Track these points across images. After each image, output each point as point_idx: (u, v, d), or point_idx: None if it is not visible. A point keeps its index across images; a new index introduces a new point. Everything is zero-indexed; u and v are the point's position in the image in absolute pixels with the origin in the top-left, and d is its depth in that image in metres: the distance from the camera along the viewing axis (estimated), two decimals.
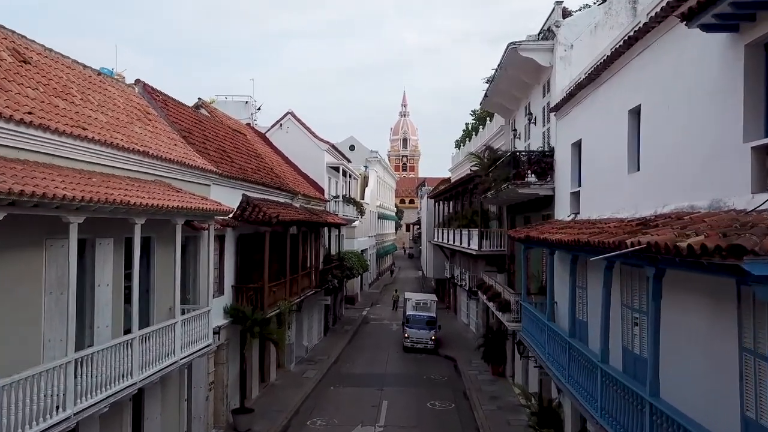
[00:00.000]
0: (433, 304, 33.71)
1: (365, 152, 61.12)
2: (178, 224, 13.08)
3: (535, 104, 20.26)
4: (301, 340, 29.33)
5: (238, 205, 20.07)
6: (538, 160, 17.42)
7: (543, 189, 17.48)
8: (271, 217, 19.24)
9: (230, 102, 36.00)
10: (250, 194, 21.07)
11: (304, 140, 35.59)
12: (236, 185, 20.01)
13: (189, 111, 21.04)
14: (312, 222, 25.34)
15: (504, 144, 26.36)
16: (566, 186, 15.87)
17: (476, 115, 47.45)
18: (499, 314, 19.02)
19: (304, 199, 28.94)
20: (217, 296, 18.59)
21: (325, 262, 33.00)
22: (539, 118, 19.68)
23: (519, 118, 23.29)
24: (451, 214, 36.06)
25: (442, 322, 34.03)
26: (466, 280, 34.52)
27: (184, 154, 16.11)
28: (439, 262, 46.59)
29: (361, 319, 42.38)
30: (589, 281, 13.22)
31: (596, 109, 13.18)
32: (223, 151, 20.93)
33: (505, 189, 18.32)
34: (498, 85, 22.09)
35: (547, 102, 18.45)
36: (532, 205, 19.68)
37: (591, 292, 12.90)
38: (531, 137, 20.94)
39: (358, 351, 31.87)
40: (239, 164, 21.62)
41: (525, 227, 16.71)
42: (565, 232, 11.32)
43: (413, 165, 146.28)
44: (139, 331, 11.33)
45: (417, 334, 31.54)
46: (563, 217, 15.87)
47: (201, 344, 14.61)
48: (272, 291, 20.37)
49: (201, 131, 20.31)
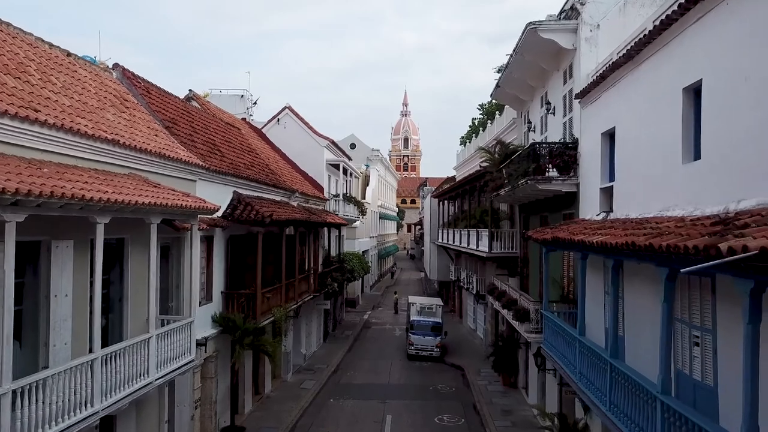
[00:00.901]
0: (439, 309, 31.94)
1: (366, 150, 59.34)
2: (153, 224, 11.33)
3: (553, 93, 18.49)
4: (299, 348, 27.58)
5: (229, 203, 18.34)
6: (560, 152, 15.65)
7: (566, 185, 15.72)
8: (264, 217, 17.49)
9: (225, 96, 34.26)
10: (242, 191, 19.33)
11: (303, 136, 33.84)
12: (226, 181, 18.25)
13: (175, 101, 19.30)
14: (310, 222, 23.60)
15: (516, 138, 24.59)
16: (594, 181, 14.11)
17: (484, 109, 45.59)
18: (516, 323, 17.28)
19: (302, 197, 27.19)
20: (205, 304, 16.87)
21: (324, 265, 31.25)
22: (559, 107, 17.92)
23: (534, 110, 21.52)
24: (457, 213, 34.31)
25: (447, 327, 32.28)
26: (473, 283, 32.73)
27: (165, 146, 14.36)
28: (443, 264, 44.85)
29: (362, 323, 40.62)
30: (626, 290, 11.47)
31: (636, 90, 11.41)
32: (212, 145, 19.18)
33: (523, 185, 16.56)
34: (512, 73, 20.32)
35: (569, 89, 16.69)
36: (550, 203, 17.92)
37: (630, 303, 11.15)
38: (549, 129, 19.17)
39: (360, 359, 30.11)
40: (230, 159, 19.87)
41: (548, 228, 14.95)
42: (606, 233, 9.56)
43: (414, 165, 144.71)
44: (102, 351, 9.56)
45: (422, 341, 29.77)
46: (590, 216, 14.09)
47: (182, 360, 12.84)
48: (266, 297, 18.60)
49: (188, 122, 18.56)
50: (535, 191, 16.92)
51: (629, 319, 11.22)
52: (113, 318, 12.44)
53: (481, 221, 26.53)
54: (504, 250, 24.47)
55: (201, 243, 16.47)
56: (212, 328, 17.14)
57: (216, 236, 17.43)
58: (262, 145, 30.41)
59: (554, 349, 14.01)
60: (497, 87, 22.74)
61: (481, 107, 46.71)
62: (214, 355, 17.32)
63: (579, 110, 15.55)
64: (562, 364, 13.02)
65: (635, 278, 10.65)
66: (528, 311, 16.42)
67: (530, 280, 22.29)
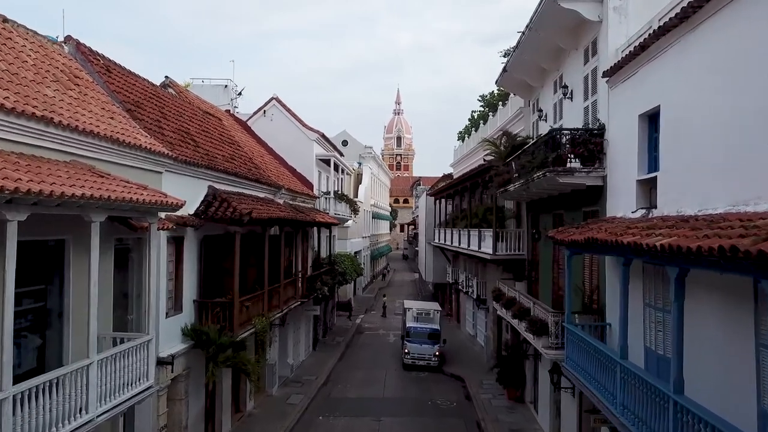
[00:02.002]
0: (437, 315, 29.80)
1: (359, 148, 57.11)
2: (95, 222, 9.07)
3: (571, 75, 16.37)
4: (286, 358, 25.35)
5: (203, 199, 16.10)
6: (584, 140, 13.52)
7: (590, 178, 13.60)
8: (242, 215, 15.27)
9: (207, 86, 31.90)
10: (219, 186, 17.09)
11: (291, 129, 31.57)
12: (200, 174, 16.01)
13: (143, 83, 17.03)
14: (297, 221, 21.37)
15: (523, 129, 22.48)
16: (627, 172, 12.00)
17: (485, 100, 43.42)
18: (530, 337, 15.14)
19: (289, 194, 24.96)
20: (173, 314, 14.64)
21: (314, 267, 29.03)
22: (577, 91, 15.81)
23: (545, 96, 19.41)
24: (456, 212, 32.17)
25: (445, 332, 30.12)
26: (473, 286, 30.60)
27: (122, 130, 12.11)
28: (439, 265, 42.69)
29: (354, 328, 38.44)
30: None
31: (692, 60, 9.30)
32: (185, 133, 16.92)
33: (539, 179, 14.43)
34: (522, 55, 18.18)
35: (592, 69, 14.59)
36: (567, 199, 15.82)
37: (687, 321, 9.01)
38: (564, 116, 17.06)
39: (352, 368, 27.89)
40: (206, 149, 17.62)
41: (572, 227, 12.80)
42: (669, 233, 7.45)
43: (407, 164, 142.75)
44: (13, 389, 7.29)
45: (419, 349, 27.60)
46: (623, 213, 11.98)
47: (136, 388, 10.59)
48: (244, 306, 16.37)
49: (156, 107, 16.30)
50: (553, 186, 14.80)
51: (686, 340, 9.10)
52: (51, 337, 10.20)
53: (484, 220, 24.40)
54: (510, 251, 22.36)
55: (168, 245, 14.26)
56: (182, 342, 14.90)
57: (187, 237, 15.19)
58: (247, 138, 28.14)
59: (581, 370, 11.87)
60: (504, 72, 20.60)
61: (482, 99, 44.50)
62: (185, 374, 15.08)
63: (606, 92, 13.44)
64: (594, 390, 10.87)
65: (695, 290, 8.53)
66: (546, 323, 14.27)
67: (540, 286, 20.18)
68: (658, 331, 10.26)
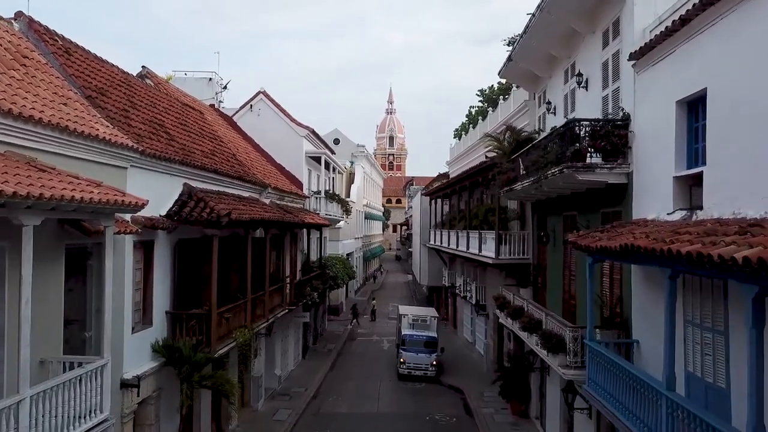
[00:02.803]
0: (434, 322, 28.18)
1: (351, 146, 55.45)
2: (27, 226, 7.38)
3: (586, 61, 14.81)
4: (273, 369, 23.65)
5: (177, 198, 14.40)
6: (607, 132, 11.94)
7: (613, 174, 12.04)
8: (219, 216, 13.58)
9: (190, 79, 30.18)
10: (196, 184, 15.41)
11: (279, 125, 29.85)
12: (174, 170, 14.31)
13: (112, 70, 15.30)
14: (284, 222, 19.67)
15: (528, 124, 20.90)
16: (660, 168, 10.43)
17: (485, 95, 41.73)
18: (543, 353, 13.52)
19: (275, 193, 23.27)
20: (141, 329, 12.93)
21: (303, 271, 27.35)
22: (594, 79, 14.25)
23: (554, 87, 17.86)
24: (454, 213, 30.57)
25: (441, 338, 28.50)
26: (471, 291, 29.01)
27: (75, 118, 10.40)
28: (435, 268, 41.12)
29: (346, 334, 36.76)
30: (732, 323, 7.83)
31: (753, 31, 7.73)
32: (158, 125, 15.21)
33: (554, 176, 12.86)
34: (531, 41, 16.59)
35: (613, 53, 13.03)
36: (581, 199, 14.28)
37: (739, 340, 7.47)
38: (577, 107, 15.50)
39: (344, 379, 26.23)
40: (182, 143, 15.91)
41: (597, 232, 11.19)
42: (743, 241, 5.88)
43: (400, 164, 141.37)
44: None
45: (415, 358, 25.98)
46: (655, 215, 10.41)
47: (88, 423, 8.89)
48: (223, 319, 14.69)
49: (124, 95, 14.58)
50: (569, 184, 13.23)
51: (739, 364, 7.55)
52: None
53: (485, 221, 22.81)
54: (513, 255, 20.76)
55: (135, 250, 12.56)
56: (152, 360, 13.20)
57: (158, 241, 13.49)
58: (231, 134, 26.42)
59: (608, 396, 10.28)
60: (509, 61, 19.01)
61: (481, 93, 42.76)
62: (155, 395, 13.37)
63: (631, 77, 11.88)
64: (627, 423, 9.27)
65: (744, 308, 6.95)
66: (562, 339, 12.66)
67: (548, 293, 18.63)
68: (705, 355, 8.69)
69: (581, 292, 15.08)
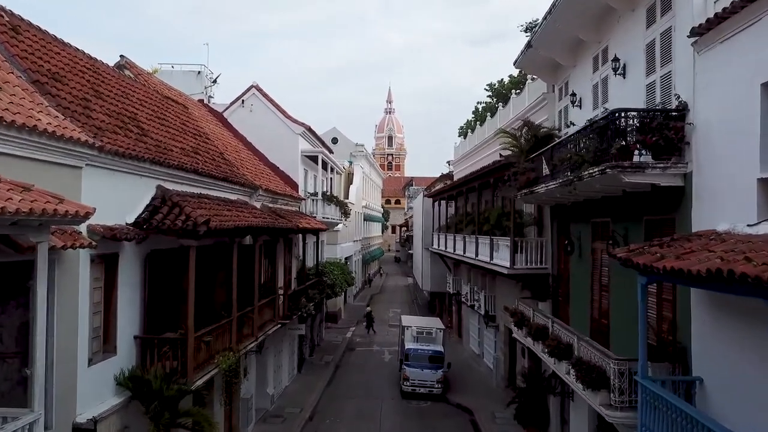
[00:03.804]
0: (440, 334, 26.13)
1: (350, 146, 53.50)
2: None
3: (623, 44, 12.80)
4: (264, 388, 21.61)
5: (148, 202, 12.35)
6: (659, 125, 9.93)
7: (667, 175, 10.02)
8: (196, 223, 11.53)
9: (177, 72, 28.13)
10: (172, 186, 13.38)
11: (273, 121, 27.79)
12: (144, 170, 12.25)
13: (74, 53, 13.26)
14: (275, 228, 17.61)
15: (547, 119, 18.90)
16: (735, 167, 8.44)
17: (494, 90, 39.53)
18: (580, 388, 11.44)
19: (268, 195, 21.23)
20: (101, 359, 10.91)
21: (298, 279, 25.33)
22: (635, 63, 12.24)
23: (580, 77, 15.85)
24: (460, 216, 28.52)
25: (447, 349, 26.40)
26: (480, 301, 26.98)
27: (9, 105, 8.35)
28: (438, 273, 39.04)
29: (345, 343, 34.68)
30: None
31: None
32: (128, 118, 13.16)
33: (591, 178, 10.83)
34: (555, 23, 14.57)
35: (662, 31, 11.02)
36: (616, 204, 12.32)
37: None
38: (611, 99, 13.48)
39: (342, 397, 24.18)
40: (157, 140, 13.86)
41: (654, 246, 9.17)
42: None
43: (399, 164, 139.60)
44: None
45: (419, 375, 23.94)
46: (728, 226, 8.37)
47: None
48: (203, 343, 12.63)
49: (88, 84, 12.53)
50: (607, 186, 11.23)
51: None
52: None
53: (498, 226, 20.79)
54: (530, 265, 18.73)
55: (93, 266, 10.53)
56: (116, 394, 11.16)
57: (124, 254, 11.44)
58: (220, 131, 24.39)
59: None
60: (528, 48, 16.97)
61: (490, 88, 40.46)
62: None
63: (689, 59, 9.86)
64: None
65: None
66: (603, 372, 10.61)
67: (571, 308, 16.63)
68: None
69: (617, 311, 13.11)
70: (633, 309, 12.03)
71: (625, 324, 12.61)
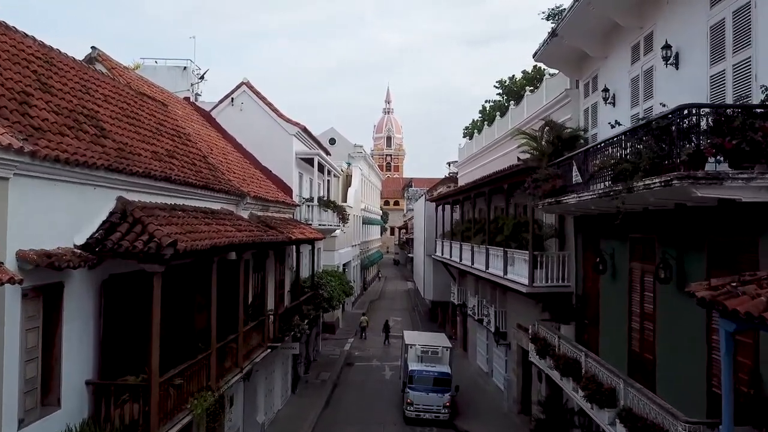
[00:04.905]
0: (446, 354, 23.97)
1: (348, 147, 51.33)
2: None
3: (674, 29, 10.73)
4: (254, 416, 19.47)
5: (105, 218, 10.21)
6: (742, 125, 7.83)
7: (751, 188, 7.91)
8: (161, 245, 9.39)
9: (162, 68, 25.98)
10: (139, 198, 11.26)
11: (265, 121, 25.63)
12: (99, 180, 10.10)
13: (19, 40, 11.11)
14: (262, 243, 15.47)
15: (570, 118, 16.81)
16: None
17: (504, 87, 37.23)
18: None
19: (257, 203, 19.09)
20: (39, 418, 8.77)
21: (292, 293, 23.20)
22: (693, 50, 10.17)
23: (614, 69, 13.77)
24: (468, 223, 26.42)
25: (453, 367, 24.22)
26: (489, 316, 24.89)
27: None
28: (441, 281, 36.99)
29: (343, 357, 32.53)
30: None
31: None
32: (83, 117, 11.02)
33: (647, 190, 8.73)
34: (589, 5, 12.46)
35: (735, 9, 8.95)
36: (664, 219, 10.27)
37: None
38: (657, 94, 11.40)
39: (340, 423, 22.02)
40: (121, 142, 11.71)
41: (737, 283, 7.10)
42: None
43: (398, 164, 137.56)
44: None
45: (424, 399, 21.83)
46: None
47: None
48: (171, 387, 10.49)
49: (32, 74, 10.39)
50: (667, 199, 9.15)
51: None
52: None
53: (513, 238, 18.66)
54: (551, 282, 16.66)
55: (26, 301, 8.41)
56: None
57: (71, 283, 9.30)
58: (206, 131, 22.27)
59: None
60: (552, 38, 14.85)
61: (500, 85, 38.06)
62: None
63: None
64: None
65: None
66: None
67: (602, 335, 14.54)
68: None
69: (666, 346, 11.03)
70: (690, 345, 9.98)
71: (677, 362, 10.55)
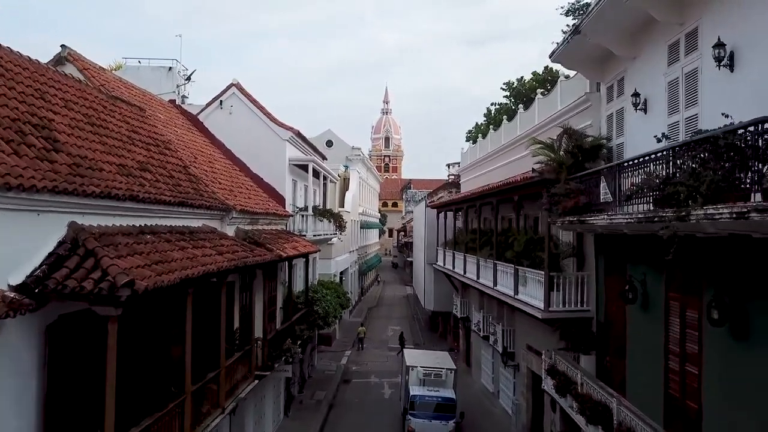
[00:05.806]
0: (450, 376, 22.30)
1: (345, 149, 49.73)
2: None
3: (725, 24, 9.09)
4: None
5: (52, 250, 8.53)
6: None
7: None
8: (115, 285, 7.72)
9: (145, 68, 24.33)
10: (98, 221, 9.60)
11: (256, 125, 23.98)
12: (42, 204, 8.41)
13: None
14: (248, 267, 13.78)
15: (590, 125, 15.16)
16: None
17: (512, 89, 35.41)
18: None
19: (244, 217, 17.43)
20: None
21: (284, 310, 21.54)
22: (751, 50, 8.53)
23: (644, 71, 12.13)
24: (472, 234, 24.78)
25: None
26: (496, 334, 23.24)
27: None
28: (442, 291, 35.38)
29: (340, 373, 30.86)
30: None
31: None
32: (31, 127, 9.36)
33: (712, 220, 7.09)
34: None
35: None
36: (711, 248, 8.64)
37: None
38: (705, 100, 9.77)
39: None
40: (78, 156, 10.03)
41: None
42: None
43: (396, 165, 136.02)
44: None
45: (427, 427, 20.15)
46: None
47: None
48: None
49: None
50: (733, 230, 7.51)
51: None
52: None
53: (525, 255, 17.01)
54: (567, 306, 15.04)
55: None
56: None
57: (4, 330, 7.63)
58: (192, 137, 20.60)
59: None
60: (574, 35, 13.16)
61: (507, 87, 36.13)
62: None
63: None
64: None
65: None
66: None
67: (629, 371, 12.88)
68: None
69: (716, 395, 9.40)
70: (749, 397, 8.36)
71: (731, 417, 8.92)
